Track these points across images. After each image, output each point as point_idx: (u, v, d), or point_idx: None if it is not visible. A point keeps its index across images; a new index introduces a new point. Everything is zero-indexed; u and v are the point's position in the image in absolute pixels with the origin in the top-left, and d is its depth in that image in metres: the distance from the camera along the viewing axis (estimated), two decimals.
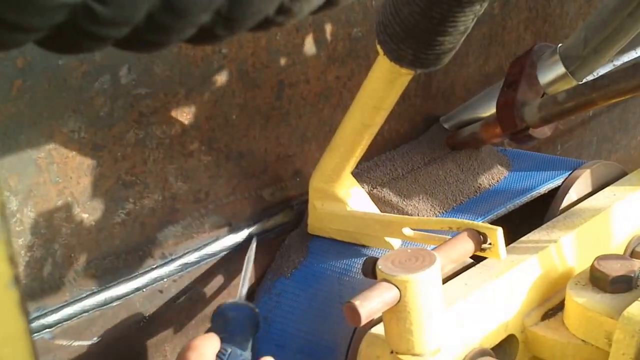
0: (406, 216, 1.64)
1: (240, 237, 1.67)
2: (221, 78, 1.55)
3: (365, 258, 1.31)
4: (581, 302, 1.40)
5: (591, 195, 1.74)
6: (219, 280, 1.67)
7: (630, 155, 2.77)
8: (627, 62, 2.30)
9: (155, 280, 1.56)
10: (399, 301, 1.19)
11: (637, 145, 2.78)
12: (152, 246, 1.54)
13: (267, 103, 1.65)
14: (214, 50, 1.52)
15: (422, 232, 1.49)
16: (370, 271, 1.27)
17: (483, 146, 1.93)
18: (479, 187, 1.84)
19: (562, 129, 1.86)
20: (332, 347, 1.52)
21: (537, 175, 1.82)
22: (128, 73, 1.40)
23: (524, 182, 1.82)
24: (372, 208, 1.62)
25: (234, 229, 1.67)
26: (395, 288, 1.18)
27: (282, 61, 1.64)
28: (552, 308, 1.51)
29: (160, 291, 1.58)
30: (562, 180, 1.77)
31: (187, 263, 1.60)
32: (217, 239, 1.64)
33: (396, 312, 1.20)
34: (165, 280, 1.57)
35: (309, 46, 1.68)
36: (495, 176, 1.88)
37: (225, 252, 1.66)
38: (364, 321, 1.16)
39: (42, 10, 0.54)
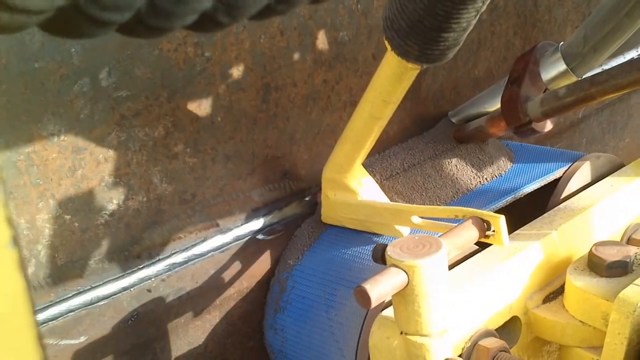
0: (415, 205, 1.63)
1: (228, 237, 1.63)
2: (205, 81, 1.51)
3: (375, 245, 1.30)
4: (580, 286, 1.40)
5: (590, 185, 1.73)
6: (208, 279, 1.63)
7: (618, 156, 2.73)
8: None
9: (142, 280, 1.52)
10: (407, 285, 1.18)
11: (625, 146, 2.75)
12: (139, 246, 1.50)
13: (253, 106, 1.60)
14: (196, 53, 1.48)
15: (430, 220, 1.48)
16: (380, 257, 1.27)
17: (488, 139, 1.92)
18: (485, 178, 1.84)
19: (553, 130, 1.84)
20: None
21: (539, 167, 1.82)
22: (108, 76, 1.36)
23: (527, 173, 1.81)
24: (382, 197, 1.62)
25: (222, 230, 1.63)
26: (404, 273, 1.18)
27: (268, 64, 1.60)
28: (553, 291, 1.50)
29: (149, 290, 1.54)
30: (563, 171, 1.77)
31: (175, 263, 1.56)
32: (205, 239, 1.60)
33: (404, 296, 1.19)
34: (153, 279, 1.53)
35: (294, 50, 1.64)
36: (500, 168, 1.87)
37: (213, 253, 1.62)
38: (374, 304, 1.15)
39: None
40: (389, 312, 1.30)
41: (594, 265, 1.42)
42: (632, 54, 2.37)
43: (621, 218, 1.67)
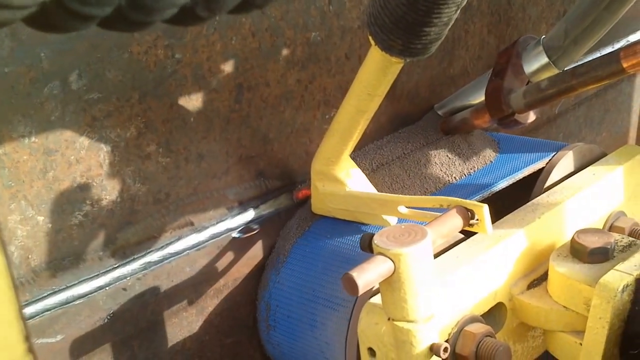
0: (401, 195, 1.63)
1: (204, 236, 1.62)
2: (176, 82, 1.49)
3: (362, 234, 1.31)
4: (562, 272, 1.41)
5: (573, 174, 1.74)
6: (184, 277, 1.62)
7: None
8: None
9: (118, 279, 1.50)
10: (393, 272, 1.19)
11: (602, 140, 2.74)
12: (113, 246, 1.49)
13: (226, 106, 1.59)
14: (166, 55, 1.46)
15: (416, 210, 1.49)
16: (367, 245, 1.28)
17: (474, 131, 1.93)
18: (470, 168, 1.84)
19: (528, 127, 1.84)
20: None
21: (523, 157, 1.82)
22: (79, 79, 1.35)
23: (512, 163, 1.82)
24: (369, 188, 1.62)
25: (197, 229, 1.62)
26: (390, 261, 1.18)
27: (240, 65, 1.59)
28: (536, 278, 1.51)
29: (124, 289, 1.52)
30: (546, 161, 1.77)
31: (150, 262, 1.54)
32: (179, 238, 1.59)
33: (391, 283, 1.20)
34: (128, 278, 1.52)
35: (267, 50, 1.62)
36: (485, 158, 1.88)
37: (189, 251, 1.60)
38: (361, 291, 1.16)
39: None
40: (376, 299, 1.30)
41: (577, 252, 1.43)
42: (608, 51, 2.37)
43: (603, 206, 1.68)
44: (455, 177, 1.82)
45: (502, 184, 1.73)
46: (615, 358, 1.34)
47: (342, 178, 1.59)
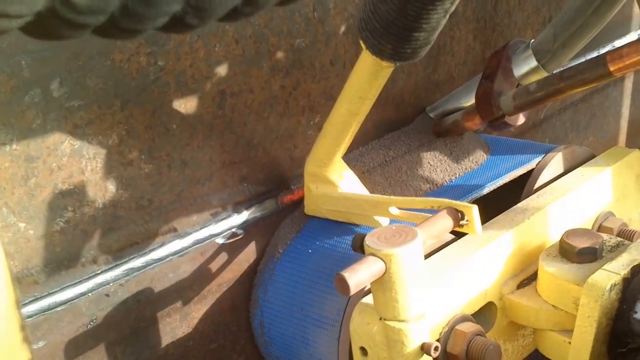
0: (393, 196, 1.64)
1: (187, 242, 1.60)
2: (158, 89, 1.48)
3: (354, 235, 1.32)
4: (552, 272, 1.41)
5: (562, 176, 1.75)
6: (167, 283, 1.60)
7: None
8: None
9: (100, 285, 1.48)
10: (384, 273, 1.19)
11: (589, 145, 2.73)
12: (96, 252, 1.47)
13: (209, 112, 1.57)
14: (149, 62, 1.45)
15: (407, 211, 1.50)
16: (359, 246, 1.28)
17: (465, 133, 1.94)
18: (462, 170, 1.85)
19: (514, 131, 1.84)
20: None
21: (514, 158, 1.83)
22: (60, 87, 1.34)
23: (502, 164, 1.82)
24: (362, 190, 1.63)
25: (180, 235, 1.60)
26: (381, 261, 1.19)
27: (223, 72, 1.57)
28: (526, 277, 1.52)
29: (107, 295, 1.50)
30: (536, 162, 1.78)
31: (133, 268, 1.53)
32: (163, 244, 1.57)
33: (382, 283, 1.21)
34: (111, 284, 1.50)
35: (250, 57, 1.61)
36: (476, 160, 1.88)
37: (172, 257, 1.59)
38: (352, 291, 1.17)
39: None
40: (368, 299, 1.31)
41: (565, 252, 1.44)
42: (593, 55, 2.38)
43: (592, 206, 1.69)
44: (446, 179, 1.83)
45: (493, 186, 1.73)
46: (603, 356, 1.35)
47: (335, 180, 1.60)
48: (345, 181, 1.60)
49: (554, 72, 1.63)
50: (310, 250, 1.65)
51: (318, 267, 1.61)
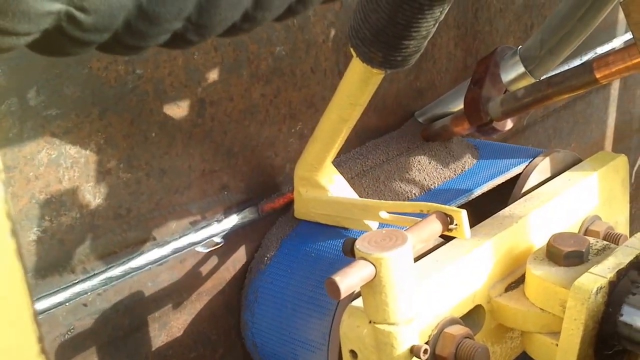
0: (382, 201, 1.65)
1: (166, 250, 1.58)
2: (137, 98, 1.46)
3: (344, 239, 1.32)
4: (539, 275, 1.42)
5: (549, 180, 1.76)
6: (146, 292, 1.58)
7: None
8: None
9: (78, 295, 1.46)
10: (374, 277, 1.20)
11: (571, 151, 2.73)
12: (73, 262, 1.45)
13: (188, 120, 1.56)
14: (127, 70, 1.43)
15: (397, 215, 1.50)
16: (349, 250, 1.29)
17: (453, 138, 1.94)
18: (450, 174, 1.86)
19: (497, 137, 1.83)
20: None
21: (501, 163, 1.84)
22: (37, 95, 1.31)
23: (490, 169, 1.83)
24: (351, 194, 1.64)
25: (159, 243, 1.58)
26: (372, 265, 1.20)
27: (202, 80, 1.56)
28: (514, 281, 1.53)
29: (85, 304, 1.48)
30: (523, 167, 1.79)
31: (111, 277, 1.50)
32: (141, 253, 1.55)
33: (372, 287, 1.21)
34: (89, 294, 1.48)
35: (230, 65, 1.60)
36: (464, 164, 1.89)
37: (151, 266, 1.57)
38: (343, 295, 1.17)
39: (30, 17, 0.55)
40: (358, 302, 1.32)
41: (552, 255, 1.45)
42: (576, 63, 2.38)
43: (579, 210, 1.70)
44: (435, 183, 1.83)
45: (481, 190, 1.74)
46: (590, 358, 1.36)
47: (325, 184, 1.60)
48: (335, 185, 1.61)
49: (541, 78, 1.64)
50: (290, 270, 1.65)
51: (301, 288, 1.61)
